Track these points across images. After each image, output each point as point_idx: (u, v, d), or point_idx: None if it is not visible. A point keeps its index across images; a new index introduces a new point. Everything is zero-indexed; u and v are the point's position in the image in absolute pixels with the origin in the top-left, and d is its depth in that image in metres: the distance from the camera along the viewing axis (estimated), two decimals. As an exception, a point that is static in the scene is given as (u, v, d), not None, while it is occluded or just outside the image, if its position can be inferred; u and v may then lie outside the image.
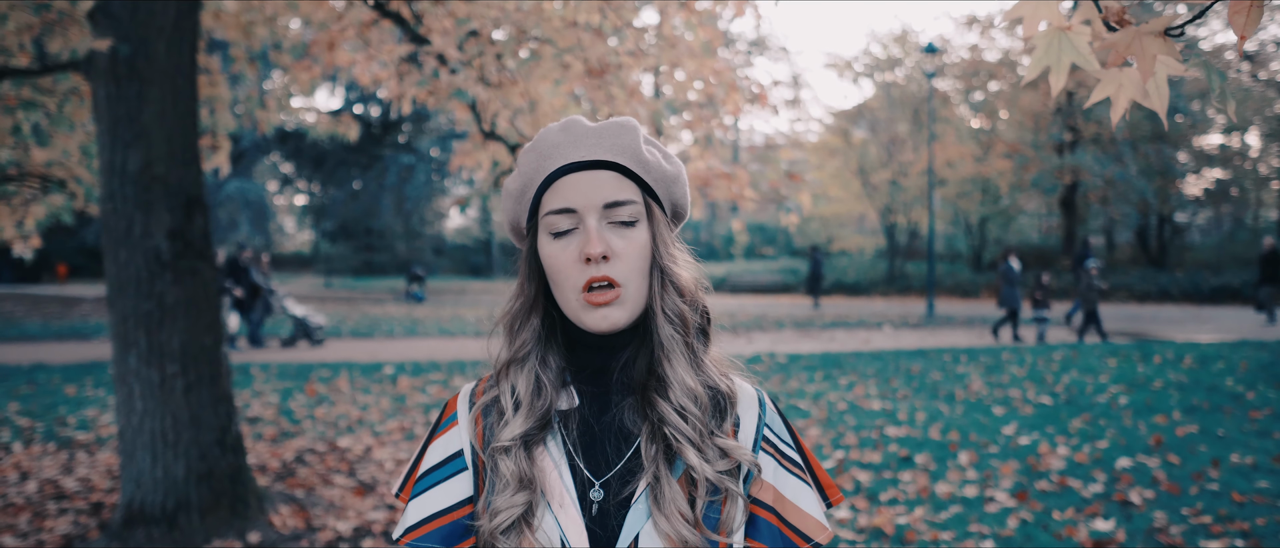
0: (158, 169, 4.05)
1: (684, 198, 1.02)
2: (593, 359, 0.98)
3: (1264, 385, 7.94)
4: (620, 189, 0.94)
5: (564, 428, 0.97)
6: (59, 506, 4.92)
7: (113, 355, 4.16)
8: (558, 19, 4.97)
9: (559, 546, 0.91)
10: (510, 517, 0.90)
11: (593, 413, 0.97)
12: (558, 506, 0.93)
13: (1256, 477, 5.12)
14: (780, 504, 0.97)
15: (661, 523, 0.89)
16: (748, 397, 1.01)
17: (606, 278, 0.92)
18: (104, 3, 3.98)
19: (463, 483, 0.98)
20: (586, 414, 0.97)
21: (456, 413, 1.02)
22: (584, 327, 0.94)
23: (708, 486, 0.93)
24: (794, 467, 1.00)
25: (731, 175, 4.98)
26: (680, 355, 0.95)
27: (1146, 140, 25.36)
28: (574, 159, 0.95)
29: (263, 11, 6.70)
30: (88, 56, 4.05)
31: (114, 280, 4.08)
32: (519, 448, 0.93)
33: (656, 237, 0.96)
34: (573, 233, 0.94)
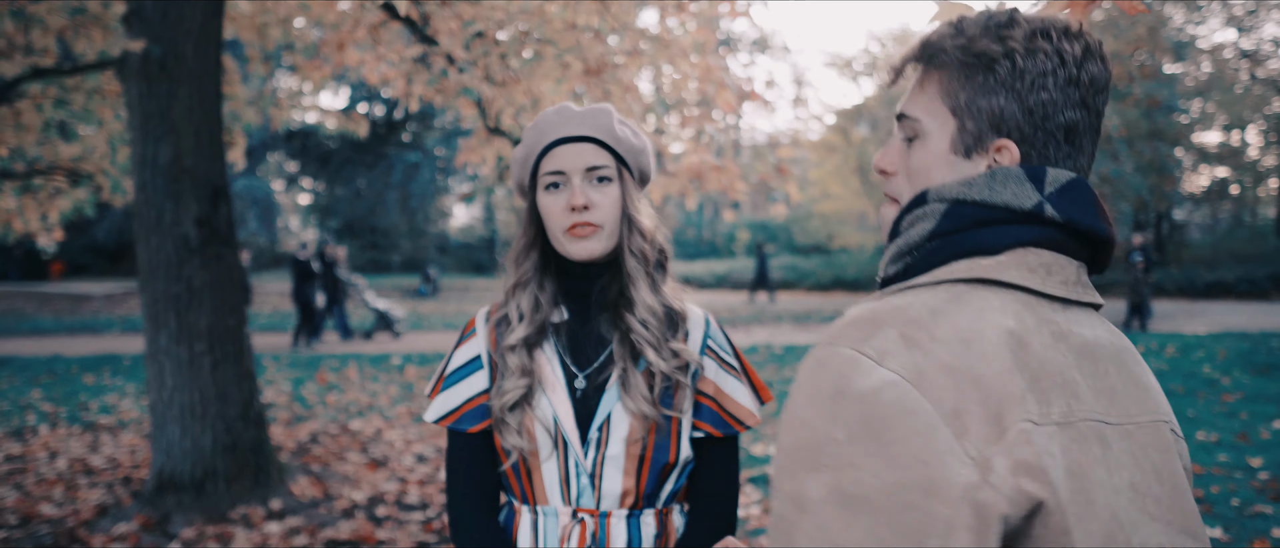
0: (186, 161, 4.37)
1: (648, 165, 1.33)
2: (577, 285, 1.29)
3: (1239, 372, 8.23)
4: (598, 156, 1.26)
5: (556, 335, 1.28)
6: (89, 480, 5.24)
7: (145, 334, 4.47)
8: (558, 21, 5.27)
9: (551, 419, 1.23)
10: (515, 396, 1.22)
11: (578, 324, 1.29)
12: (550, 390, 1.24)
13: (1218, 452, 5.42)
14: (720, 396, 1.28)
15: (628, 402, 1.21)
16: (696, 316, 1.33)
17: (587, 221, 1.23)
18: (137, 6, 4.29)
19: (481, 378, 1.29)
20: (573, 325, 1.29)
21: (476, 327, 1.33)
22: (569, 256, 1.25)
23: (663, 377, 1.24)
24: (732, 369, 1.31)
25: (722, 168, 5.28)
26: (643, 282, 1.26)
27: (1143, 138, 25.62)
28: (564, 134, 1.26)
29: (276, 13, 7.01)
30: (122, 57, 4.37)
31: (146, 265, 4.39)
32: (522, 348, 1.25)
33: (625, 193, 1.27)
34: (562, 188, 1.25)
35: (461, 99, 5.58)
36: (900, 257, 0.87)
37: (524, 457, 1.23)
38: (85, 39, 5.94)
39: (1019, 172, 0.82)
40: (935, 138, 0.86)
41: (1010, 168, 0.83)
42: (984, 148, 0.84)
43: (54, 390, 8.52)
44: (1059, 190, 0.82)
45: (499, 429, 1.24)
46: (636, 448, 1.22)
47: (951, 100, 0.84)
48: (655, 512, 1.26)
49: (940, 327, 0.75)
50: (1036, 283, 0.81)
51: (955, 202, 0.83)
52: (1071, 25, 0.82)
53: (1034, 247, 0.82)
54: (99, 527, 4.29)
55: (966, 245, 0.82)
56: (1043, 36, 0.81)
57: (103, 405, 7.73)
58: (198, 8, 4.38)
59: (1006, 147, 0.82)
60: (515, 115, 5.61)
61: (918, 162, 0.88)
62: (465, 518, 1.27)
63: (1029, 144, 0.83)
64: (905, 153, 0.90)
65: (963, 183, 0.84)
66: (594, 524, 1.22)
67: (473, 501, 1.27)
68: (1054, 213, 0.81)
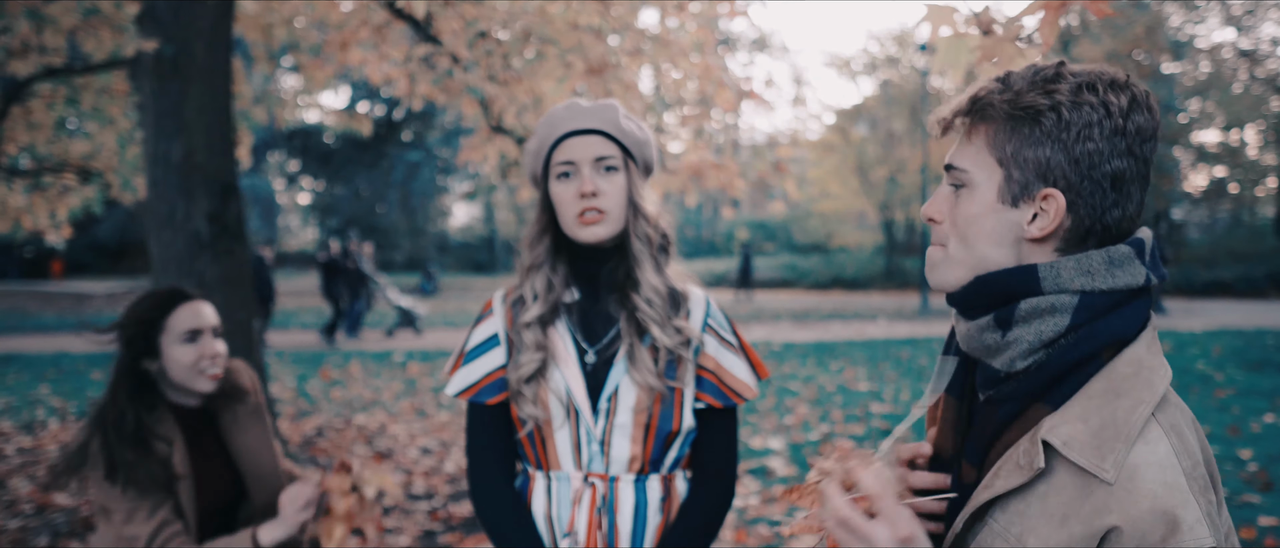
0: (198, 159, 4.46)
1: (652, 157, 1.43)
2: (587, 267, 1.39)
3: (1233, 368, 8.33)
4: (605, 147, 1.35)
5: (568, 314, 1.38)
6: (101, 471, 5.34)
7: (157, 328, 4.57)
8: (560, 21, 5.37)
9: (564, 390, 1.32)
10: (530, 369, 1.32)
11: (588, 304, 1.39)
12: (563, 364, 1.34)
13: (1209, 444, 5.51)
14: (720, 370, 1.38)
15: (635, 375, 1.31)
16: (697, 296, 1.43)
17: (595, 207, 1.32)
18: (150, 7, 4.39)
19: (498, 354, 1.39)
20: (583, 304, 1.39)
21: (493, 308, 1.43)
22: (579, 241, 1.35)
23: (667, 352, 1.34)
24: (731, 346, 1.41)
25: (721, 166, 5.38)
26: (648, 263, 1.36)
27: (1141, 137, 25.70)
28: (573, 127, 1.35)
29: (281, 13, 7.11)
30: (135, 56, 4.46)
31: (158, 260, 4.49)
32: (536, 325, 1.35)
33: (631, 181, 1.37)
34: (572, 177, 1.35)
35: (465, 98, 5.67)
36: (1032, 353, 0.88)
37: (539, 426, 1.33)
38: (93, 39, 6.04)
39: (1128, 249, 0.88)
40: (983, 188, 0.90)
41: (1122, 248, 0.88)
42: (1031, 197, 0.88)
43: (61, 386, 8.62)
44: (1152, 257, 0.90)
45: (515, 401, 1.34)
46: (643, 417, 1.32)
47: (999, 151, 0.88)
48: (661, 477, 1.36)
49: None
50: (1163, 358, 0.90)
51: (1083, 294, 0.87)
52: (1118, 77, 0.87)
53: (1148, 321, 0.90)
54: (113, 516, 4.39)
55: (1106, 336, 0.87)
56: (1089, 89, 0.85)
57: (110, 401, 7.83)
58: (209, 8, 4.48)
59: (1053, 195, 0.86)
60: (517, 114, 5.71)
61: (965, 211, 0.91)
62: (485, 484, 1.37)
63: (1076, 193, 0.86)
64: (953, 201, 0.93)
65: (1081, 269, 0.87)
66: (604, 488, 1.32)
67: (492, 468, 1.37)
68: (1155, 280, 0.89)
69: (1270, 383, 7.56)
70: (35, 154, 6.22)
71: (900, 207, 28.63)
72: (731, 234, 36.90)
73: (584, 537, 1.31)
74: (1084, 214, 0.87)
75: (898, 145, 27.81)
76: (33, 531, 4.22)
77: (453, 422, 6.76)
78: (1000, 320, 0.89)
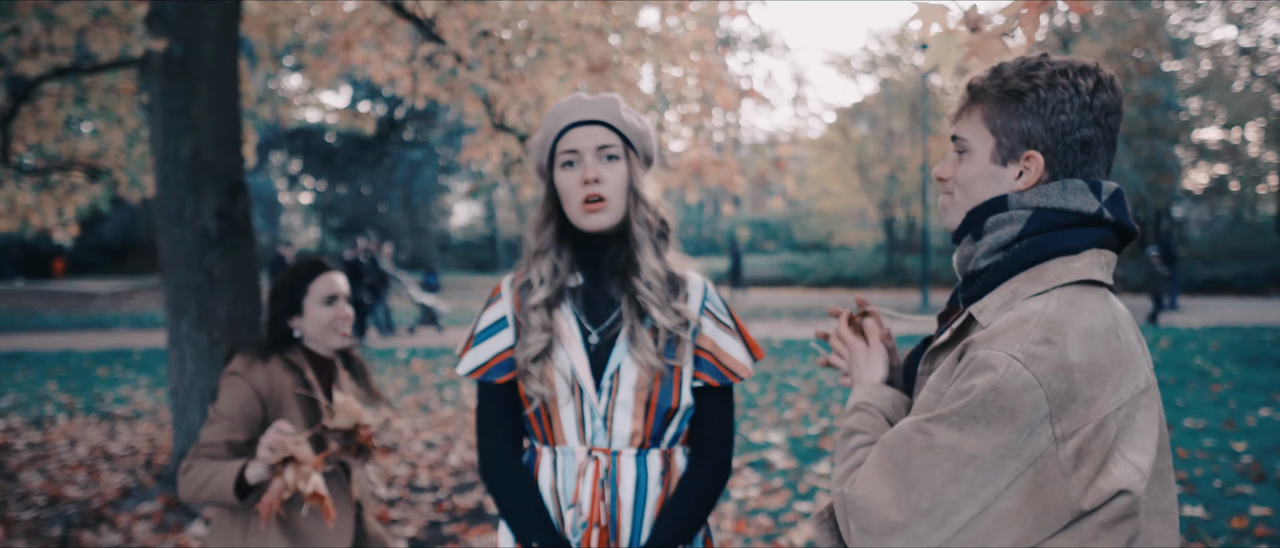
0: (206, 156, 4.53)
1: (651, 148, 1.50)
2: (590, 253, 1.46)
3: (1230, 363, 8.40)
4: (607, 137, 1.42)
5: (572, 297, 1.45)
6: (110, 465, 5.41)
7: (166, 322, 4.64)
8: (562, 19, 5.44)
9: (569, 369, 1.40)
10: (537, 349, 1.39)
11: (591, 287, 1.46)
12: (568, 344, 1.41)
13: (1204, 437, 5.58)
14: (717, 350, 1.45)
15: (636, 354, 1.38)
16: (696, 281, 1.50)
17: (597, 194, 1.39)
18: (159, 7, 4.46)
19: (507, 336, 1.46)
20: (587, 288, 1.46)
21: (501, 293, 1.51)
22: (583, 228, 1.42)
23: (666, 333, 1.41)
24: (727, 328, 1.48)
25: (721, 162, 5.45)
26: (648, 248, 1.43)
27: (1141, 135, 25.74)
28: (577, 118, 1.42)
29: (285, 12, 7.18)
30: (144, 55, 4.54)
31: (167, 256, 4.56)
32: (543, 308, 1.42)
33: (631, 170, 1.44)
34: (576, 166, 1.42)
35: (467, 96, 5.74)
36: (991, 253, 1.11)
37: (545, 403, 1.41)
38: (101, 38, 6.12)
39: (1082, 183, 1.08)
40: (980, 153, 1.12)
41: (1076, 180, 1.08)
42: (1016, 158, 1.10)
43: (69, 383, 8.70)
44: (1110, 198, 1.08)
45: (523, 379, 1.41)
46: (643, 394, 1.39)
47: (991, 124, 1.10)
48: (661, 452, 1.43)
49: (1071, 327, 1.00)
50: (1107, 278, 1.08)
51: (1038, 209, 1.08)
52: (1088, 65, 1.08)
53: (1099, 247, 1.08)
54: (124, 506, 4.46)
55: (1053, 246, 1.07)
56: (1062, 75, 1.06)
57: (117, 397, 7.91)
58: (216, 8, 4.55)
59: (1034, 156, 1.08)
60: (520, 112, 5.78)
61: (966, 171, 1.14)
62: (494, 459, 1.44)
63: (1052, 154, 1.08)
64: (957, 163, 1.16)
65: (1039, 192, 1.08)
66: (607, 461, 1.39)
67: (500, 444, 1.44)
68: (1110, 216, 1.07)
69: (1267, 378, 7.62)
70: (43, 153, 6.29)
71: (901, 205, 28.67)
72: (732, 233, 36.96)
73: (588, 508, 1.38)
74: (1059, 170, 1.08)
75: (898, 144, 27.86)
76: (46, 521, 4.30)
77: (456, 417, 6.83)
78: (975, 234, 1.13)
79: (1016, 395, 0.97)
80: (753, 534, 4.02)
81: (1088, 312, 1.02)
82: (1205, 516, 4.09)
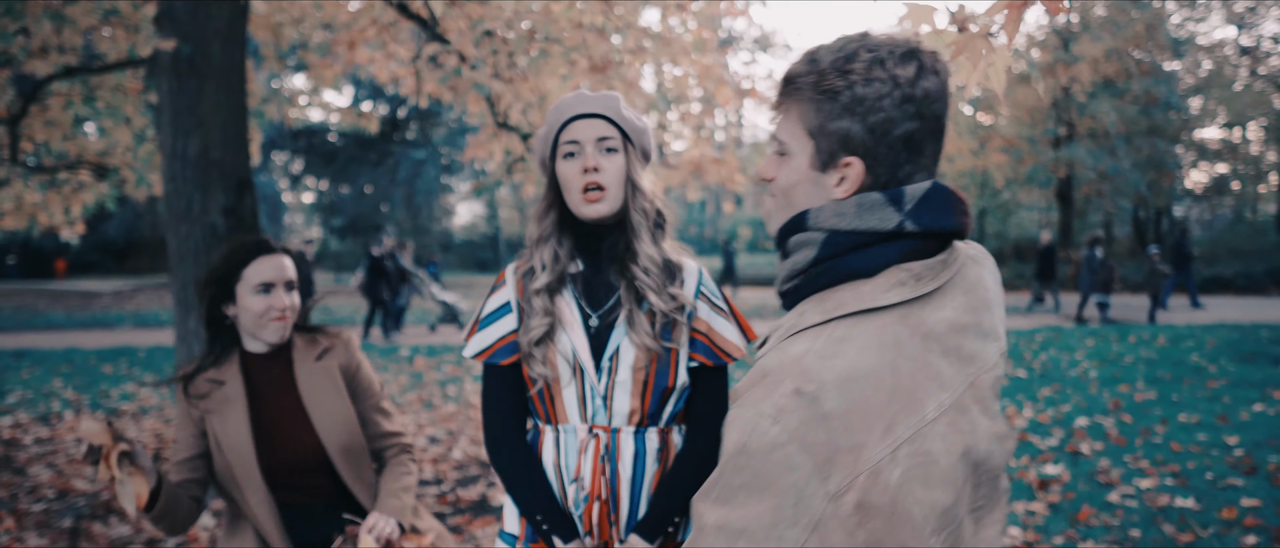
0: (214, 154, 4.61)
1: (649, 144, 1.57)
2: (590, 242, 1.54)
3: (1226, 359, 8.46)
4: (607, 130, 1.50)
5: (573, 283, 1.52)
6: (118, 459, 5.49)
7: (174, 317, 4.72)
8: (564, 20, 5.51)
9: (570, 351, 1.47)
10: (540, 332, 1.46)
11: (591, 274, 1.53)
12: (569, 327, 1.49)
13: (1197, 431, 5.65)
14: (711, 332, 1.53)
15: (634, 337, 1.45)
16: (691, 267, 1.57)
17: (597, 183, 1.47)
18: (168, 7, 4.54)
19: (510, 320, 1.54)
20: (587, 274, 1.53)
21: (506, 279, 1.58)
22: (582, 216, 1.49)
23: (662, 316, 1.48)
24: (721, 311, 1.55)
25: (722, 160, 5.52)
26: (645, 236, 1.51)
27: (1142, 135, 25.79)
28: (579, 111, 1.50)
29: (290, 13, 7.26)
30: (153, 55, 4.61)
31: (175, 252, 4.64)
32: (545, 293, 1.49)
33: (629, 162, 1.51)
34: (577, 156, 1.49)
35: (471, 95, 5.82)
36: (791, 278, 1.05)
37: (547, 384, 1.48)
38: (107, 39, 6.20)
39: (880, 197, 1.00)
40: (799, 157, 1.04)
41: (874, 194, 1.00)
42: (835, 164, 1.01)
43: (74, 379, 8.78)
44: (917, 204, 1.00)
45: (527, 361, 1.49)
46: (641, 374, 1.46)
47: (808, 125, 1.02)
48: (658, 430, 1.50)
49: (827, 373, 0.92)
50: (909, 293, 0.99)
51: (831, 232, 1.01)
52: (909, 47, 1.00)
53: (901, 263, 1.00)
54: (133, 499, 4.54)
55: (845, 270, 1.00)
56: (879, 66, 0.98)
57: (123, 394, 7.99)
58: (224, 8, 4.62)
59: (852, 162, 1.00)
60: (523, 111, 5.86)
61: (785, 177, 1.06)
62: (500, 438, 1.51)
63: (873, 157, 0.99)
64: (779, 166, 1.08)
65: (835, 212, 1.01)
66: (607, 438, 1.47)
67: (506, 423, 1.51)
68: (914, 227, 0.99)
69: (1261, 374, 7.69)
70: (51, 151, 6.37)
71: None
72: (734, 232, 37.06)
73: (589, 482, 1.46)
74: (881, 173, 1.00)
75: (899, 143, 27.92)
76: (56, 513, 4.38)
77: (459, 413, 6.91)
78: (784, 253, 1.08)
79: (767, 456, 0.88)
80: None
81: (855, 350, 0.94)
82: (1196, 507, 4.16)
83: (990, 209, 29.13)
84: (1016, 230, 32.72)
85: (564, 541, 1.45)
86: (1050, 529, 3.92)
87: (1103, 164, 24.32)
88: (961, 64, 1.93)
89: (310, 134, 34.03)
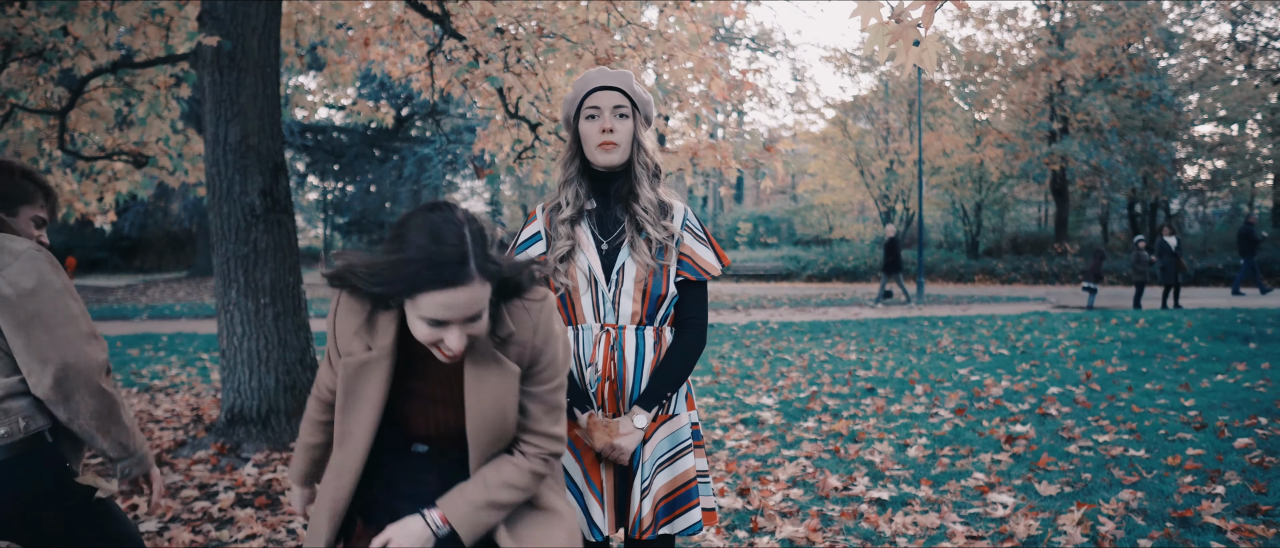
0: (252, 141, 5.06)
1: (651, 112, 2.01)
2: (602, 185, 1.98)
3: (1200, 338, 8.89)
4: (620, 100, 1.94)
5: (589, 217, 1.97)
6: (159, 426, 5.94)
7: (216, 290, 5.17)
8: (570, 17, 5.95)
9: (587, 267, 1.91)
10: (564, 251, 1.90)
11: (603, 210, 1.97)
12: (586, 249, 1.93)
13: (1160, 397, 6.09)
14: (694, 255, 1.97)
15: (635, 257, 1.90)
16: (679, 207, 2.01)
17: (611, 141, 1.91)
18: (210, 6, 4.99)
19: (541, 246, 1.98)
20: (599, 210, 1.97)
21: (536, 215, 2.02)
22: (597, 164, 1.93)
23: (657, 242, 1.92)
24: (702, 240, 2.00)
25: (716, 146, 5.96)
26: (645, 182, 1.95)
27: (1135, 130, 26.19)
28: (600, 84, 1.94)
29: (310, 12, 7.70)
30: (196, 49, 5.06)
31: (217, 230, 5.09)
32: (567, 223, 1.93)
33: (636, 125, 1.95)
34: (596, 118, 1.93)
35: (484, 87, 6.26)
36: None
37: (569, 292, 1.92)
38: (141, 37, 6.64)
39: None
40: None
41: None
42: None
43: (104, 362, 9.22)
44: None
45: (553, 276, 1.93)
46: (641, 285, 1.90)
47: None
48: (654, 328, 1.94)
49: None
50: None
51: None
52: None
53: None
54: (181, 453, 4.99)
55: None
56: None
57: (153, 373, 8.44)
58: (262, 7, 5.07)
59: None
60: (531, 103, 6.30)
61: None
62: None
63: None
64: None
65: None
66: (615, 334, 1.91)
67: None
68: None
69: (1230, 350, 8.11)
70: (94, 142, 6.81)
71: (899, 198, 29.16)
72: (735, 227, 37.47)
73: (601, 367, 1.89)
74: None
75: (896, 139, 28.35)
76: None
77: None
78: None
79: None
80: (743, 472, 4.53)
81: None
82: (1145, 456, 4.59)
83: (986, 204, 29.55)
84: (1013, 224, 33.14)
85: (582, 410, 1.89)
86: (1011, 474, 4.36)
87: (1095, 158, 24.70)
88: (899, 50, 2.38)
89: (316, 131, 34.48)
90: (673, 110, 6.58)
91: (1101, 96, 25.05)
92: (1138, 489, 4.00)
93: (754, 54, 37.75)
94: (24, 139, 6.26)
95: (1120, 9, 24.29)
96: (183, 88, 7.03)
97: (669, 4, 6.23)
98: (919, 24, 2.22)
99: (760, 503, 3.98)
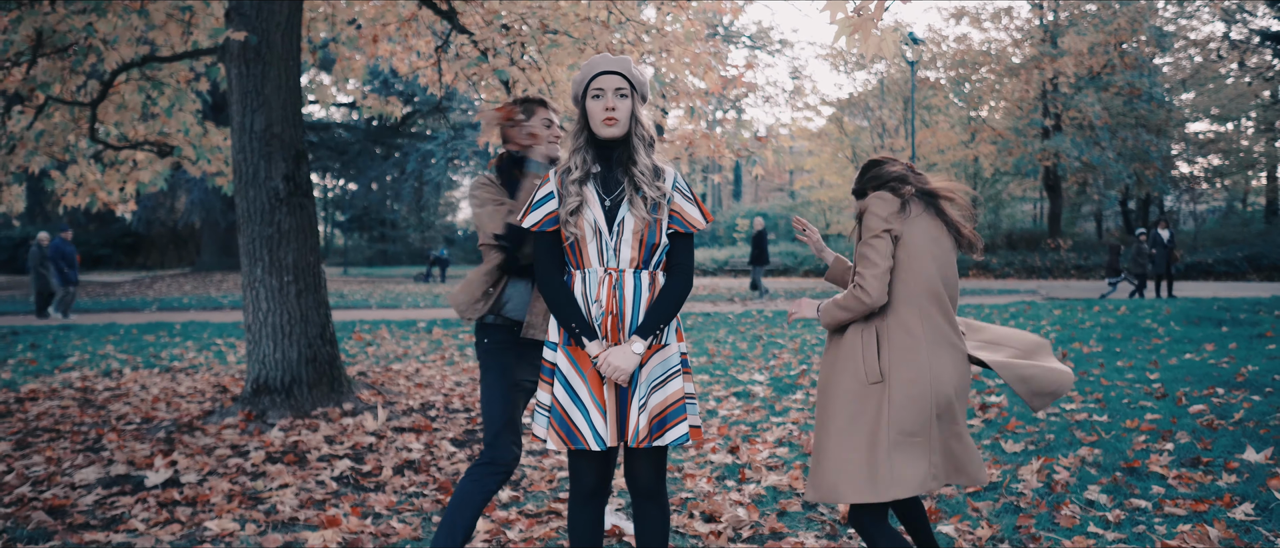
0: (275, 129, 5.42)
1: (648, 92, 2.36)
2: (605, 153, 2.34)
3: (1176, 323, 9.25)
4: (621, 82, 2.29)
5: (594, 179, 2.33)
6: (184, 399, 6.30)
7: (242, 269, 5.53)
8: (572, 14, 6.31)
9: (592, 220, 2.27)
10: (573, 205, 2.26)
11: (606, 173, 2.33)
12: (592, 205, 2.29)
13: (1127, 372, 6.45)
14: (683, 211, 2.33)
15: (633, 211, 2.26)
16: (670, 171, 2.37)
17: (614, 117, 2.27)
18: (237, 3, 5.35)
19: (553, 204, 2.34)
20: (603, 173, 2.33)
21: (550, 178, 2.38)
22: (601, 136, 2.29)
23: (651, 200, 2.28)
24: (689, 199, 2.36)
25: (710, 136, 6.32)
26: (642, 150, 2.31)
27: (1127, 127, 26.55)
28: (604, 68, 2.29)
29: (322, 10, 8.05)
30: (223, 44, 5.42)
31: (244, 213, 5.45)
32: (577, 183, 2.29)
33: (635, 103, 2.31)
34: (600, 98, 2.29)
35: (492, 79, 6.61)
36: None
37: (578, 240, 2.28)
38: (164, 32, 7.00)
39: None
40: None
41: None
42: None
43: (123, 346, 9.59)
44: None
45: (563, 227, 2.29)
46: (638, 236, 2.26)
47: None
48: (649, 272, 2.30)
49: None
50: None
51: None
52: None
53: None
54: (210, 420, 5.35)
55: None
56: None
57: (171, 356, 8.80)
58: (284, 4, 5.43)
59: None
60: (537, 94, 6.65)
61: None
62: (549, 277, 2.31)
63: None
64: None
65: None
66: (616, 276, 2.27)
67: (552, 267, 2.31)
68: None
69: (1202, 333, 8.48)
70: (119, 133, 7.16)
71: (895, 195, 29.45)
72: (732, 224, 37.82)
73: (605, 304, 2.25)
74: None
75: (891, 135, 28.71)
76: (147, 430, 5.18)
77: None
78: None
79: None
80: (734, 435, 4.89)
81: None
82: (1107, 420, 4.96)
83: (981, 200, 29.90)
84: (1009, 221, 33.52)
85: (589, 339, 2.25)
86: (981, 436, 4.72)
87: (1087, 155, 25.06)
88: (861, 40, 2.74)
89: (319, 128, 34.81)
90: (669, 104, 6.94)
91: (1094, 94, 25.41)
92: (1095, 447, 4.37)
93: (753, 52, 38.13)
94: (56, 130, 6.62)
95: (1112, 8, 24.65)
96: (202, 82, 7.38)
97: (666, 1, 6.59)
98: (874, 18, 2.58)
99: (748, 458, 4.35)
